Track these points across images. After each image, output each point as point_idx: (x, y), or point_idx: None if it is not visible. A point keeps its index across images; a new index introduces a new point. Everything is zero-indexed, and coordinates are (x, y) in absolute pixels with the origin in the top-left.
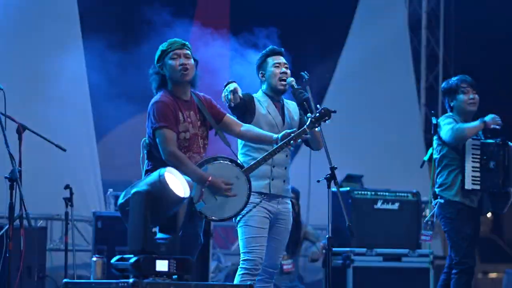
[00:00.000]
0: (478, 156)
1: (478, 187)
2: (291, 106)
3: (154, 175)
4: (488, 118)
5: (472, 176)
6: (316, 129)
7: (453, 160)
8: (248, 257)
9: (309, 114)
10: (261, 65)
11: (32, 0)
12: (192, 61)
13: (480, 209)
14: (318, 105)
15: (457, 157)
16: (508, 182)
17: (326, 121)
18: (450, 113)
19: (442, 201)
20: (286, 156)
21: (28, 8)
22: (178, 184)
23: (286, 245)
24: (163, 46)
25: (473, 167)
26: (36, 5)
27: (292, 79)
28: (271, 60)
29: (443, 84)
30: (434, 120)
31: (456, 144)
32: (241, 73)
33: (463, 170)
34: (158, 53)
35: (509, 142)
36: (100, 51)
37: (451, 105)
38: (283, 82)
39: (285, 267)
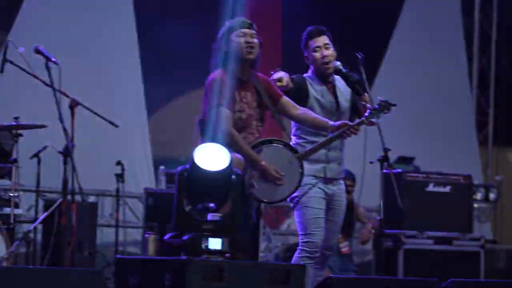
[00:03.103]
0: None
1: None
2: (341, 85)
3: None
4: None
5: None
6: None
7: None
8: (308, 239)
9: (368, 105)
10: (304, 48)
11: None
12: (257, 41)
13: None
14: (379, 97)
15: None
16: None
17: (385, 114)
18: None
19: None
20: None
21: None
22: (211, 158)
23: (341, 227)
24: (230, 23)
25: None
26: None
27: (339, 63)
28: (312, 43)
29: None
30: None
31: None
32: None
33: None
34: (224, 29)
35: None
36: (153, 24)
37: None
38: (327, 66)
39: (342, 249)
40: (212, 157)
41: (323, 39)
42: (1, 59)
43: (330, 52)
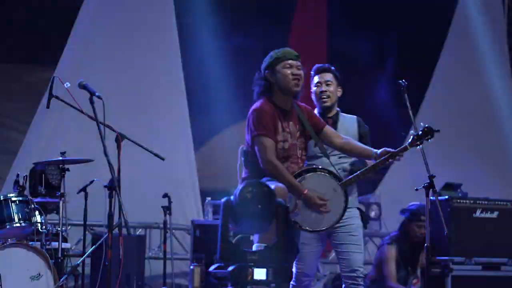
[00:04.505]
0: None
1: None
2: (347, 121)
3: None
4: None
5: None
6: (418, 147)
7: None
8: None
9: (411, 131)
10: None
11: (131, 11)
12: (302, 73)
13: None
14: (422, 123)
15: None
16: None
17: (429, 140)
18: None
19: None
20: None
21: (127, 19)
22: (256, 199)
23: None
24: (276, 54)
25: None
26: (135, 16)
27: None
28: (315, 79)
29: None
30: None
31: None
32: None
33: None
34: (270, 59)
35: None
36: (198, 60)
37: None
38: (322, 101)
39: (413, 281)
40: (256, 197)
41: (326, 76)
42: (47, 95)
43: (329, 88)
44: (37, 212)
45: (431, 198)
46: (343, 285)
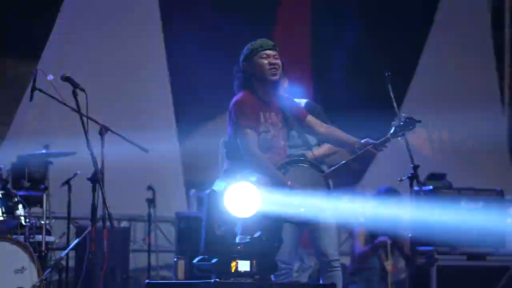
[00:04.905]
0: None
1: None
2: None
3: (223, 185)
4: None
5: None
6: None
7: None
8: None
9: (393, 122)
10: None
11: (114, 3)
12: (280, 62)
13: None
14: (403, 114)
15: None
16: None
17: (411, 130)
18: None
19: None
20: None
21: (110, 11)
22: (240, 202)
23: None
24: (252, 45)
25: None
26: (118, 7)
27: None
28: None
29: None
30: None
31: None
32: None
33: None
34: (246, 51)
35: None
36: (183, 52)
37: None
38: None
39: (387, 267)
40: (242, 199)
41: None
42: (30, 87)
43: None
44: (20, 206)
45: (415, 188)
46: (320, 272)
